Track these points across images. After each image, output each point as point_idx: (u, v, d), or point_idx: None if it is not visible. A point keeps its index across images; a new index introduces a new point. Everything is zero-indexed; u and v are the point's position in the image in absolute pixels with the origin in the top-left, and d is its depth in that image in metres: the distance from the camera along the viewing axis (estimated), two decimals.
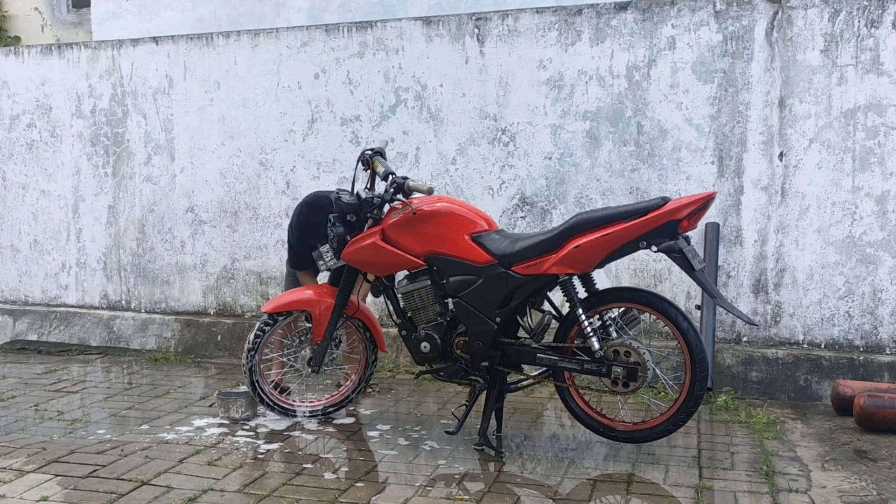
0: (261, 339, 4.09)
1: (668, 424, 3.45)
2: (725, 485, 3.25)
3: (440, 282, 3.70)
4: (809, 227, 4.66)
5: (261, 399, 4.15)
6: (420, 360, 3.80)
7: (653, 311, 3.44)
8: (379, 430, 4.01)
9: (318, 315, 4.04)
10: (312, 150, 5.62)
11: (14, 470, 3.45)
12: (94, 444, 3.80)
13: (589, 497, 3.14)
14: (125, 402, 4.59)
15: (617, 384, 3.40)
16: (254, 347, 4.08)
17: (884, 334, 4.57)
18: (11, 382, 5.06)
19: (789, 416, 4.26)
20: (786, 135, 4.68)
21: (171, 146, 5.99)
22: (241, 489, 3.24)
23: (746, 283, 4.78)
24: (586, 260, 3.38)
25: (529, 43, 5.10)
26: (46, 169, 6.35)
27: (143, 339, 6.02)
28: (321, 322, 4.04)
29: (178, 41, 5.95)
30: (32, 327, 6.35)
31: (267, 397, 4.14)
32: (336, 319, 4.03)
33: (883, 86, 4.50)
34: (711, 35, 4.77)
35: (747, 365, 4.68)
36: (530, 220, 5.15)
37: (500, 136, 5.19)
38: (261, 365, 4.12)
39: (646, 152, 4.91)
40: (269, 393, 4.16)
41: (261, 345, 4.10)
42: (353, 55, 5.49)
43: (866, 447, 3.73)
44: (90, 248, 6.28)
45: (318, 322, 4.04)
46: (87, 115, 6.21)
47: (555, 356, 3.52)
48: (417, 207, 3.70)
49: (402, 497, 3.14)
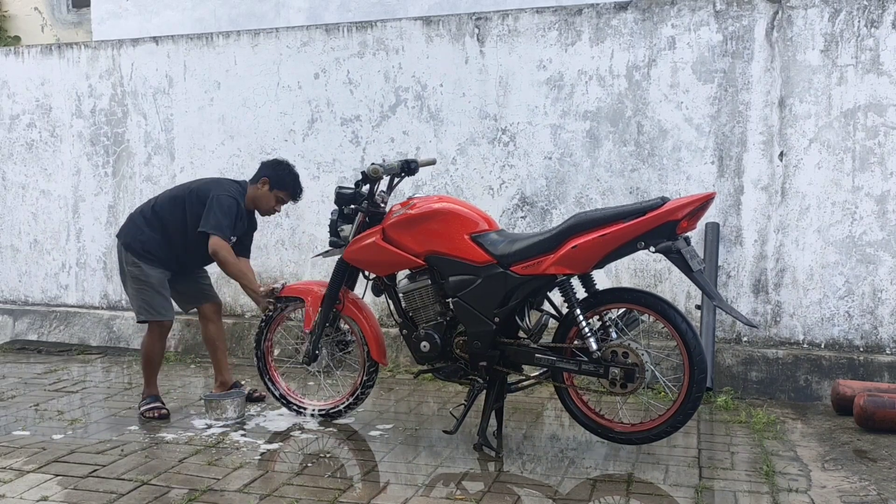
0: (266, 324, 4.26)
1: (666, 426, 3.44)
2: (725, 485, 3.25)
3: (440, 281, 3.70)
4: (809, 227, 4.66)
5: (267, 388, 4.31)
6: (420, 360, 3.80)
7: (651, 311, 3.43)
8: (379, 430, 4.01)
9: (310, 304, 4.11)
10: (312, 150, 5.62)
11: (14, 470, 3.45)
12: (94, 444, 3.80)
13: (589, 497, 3.14)
14: (125, 402, 4.59)
15: (615, 385, 3.39)
16: (260, 332, 4.27)
17: (884, 334, 4.57)
18: (11, 382, 5.06)
19: (789, 416, 4.26)
20: (786, 135, 4.68)
21: (171, 146, 5.99)
22: (241, 489, 3.24)
23: (746, 283, 4.78)
24: (584, 260, 3.38)
25: (529, 43, 5.10)
26: (46, 169, 6.35)
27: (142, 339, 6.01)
28: (312, 311, 4.09)
29: (178, 41, 5.95)
30: (32, 327, 6.35)
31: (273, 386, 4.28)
32: (326, 311, 4.03)
33: (883, 86, 4.50)
34: (711, 35, 4.77)
35: (747, 365, 4.68)
36: (530, 220, 5.15)
37: (500, 135, 5.19)
38: (269, 356, 4.28)
39: (646, 152, 4.91)
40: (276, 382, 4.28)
41: (266, 330, 4.27)
42: (353, 55, 5.49)
43: (866, 447, 3.73)
44: (90, 247, 6.28)
45: (309, 311, 4.11)
46: (87, 115, 6.21)
47: (553, 356, 3.51)
48: (417, 207, 3.70)
49: (402, 497, 3.14)
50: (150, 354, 4.31)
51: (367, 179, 3.83)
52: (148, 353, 4.31)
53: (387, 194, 3.96)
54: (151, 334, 4.28)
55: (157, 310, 4.23)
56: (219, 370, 4.51)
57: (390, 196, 3.98)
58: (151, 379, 4.34)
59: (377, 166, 3.74)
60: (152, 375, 4.34)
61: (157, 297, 4.23)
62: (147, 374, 4.34)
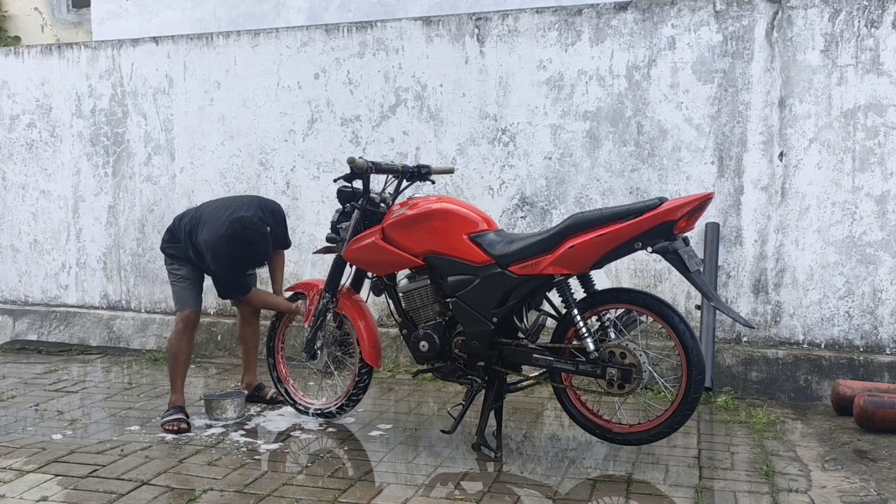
0: (277, 321, 4.33)
1: (664, 427, 3.43)
2: (725, 485, 3.25)
3: (439, 281, 3.70)
4: (809, 227, 4.66)
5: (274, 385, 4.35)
6: (419, 359, 3.80)
7: (649, 312, 3.42)
8: (379, 430, 4.01)
9: (309, 298, 4.16)
10: (312, 150, 5.62)
11: (14, 470, 3.46)
12: (94, 444, 3.80)
13: (589, 497, 3.14)
14: (125, 402, 4.59)
15: (612, 385, 3.39)
16: (272, 328, 4.34)
17: (884, 334, 4.57)
18: (11, 382, 5.06)
19: (789, 416, 4.26)
20: (786, 135, 4.67)
21: (171, 146, 5.99)
22: (241, 489, 3.24)
23: (746, 283, 4.78)
24: (581, 260, 3.37)
25: (529, 43, 5.10)
26: (46, 169, 6.36)
27: (143, 339, 6.03)
28: (310, 305, 4.13)
29: (178, 41, 5.95)
30: (32, 327, 6.36)
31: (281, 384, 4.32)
32: (322, 306, 4.06)
33: (883, 86, 4.50)
34: (711, 35, 4.77)
35: (747, 365, 4.68)
36: (530, 220, 5.15)
37: (500, 136, 5.19)
38: (279, 353, 4.34)
39: (646, 152, 4.91)
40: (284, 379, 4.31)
41: (278, 327, 4.33)
42: (353, 55, 5.49)
43: (866, 447, 3.73)
44: (90, 248, 6.28)
45: (309, 305, 4.15)
46: (87, 115, 6.21)
47: (551, 357, 3.51)
48: (416, 207, 3.70)
49: (402, 497, 3.14)
50: (174, 351, 4.17)
51: (355, 175, 3.84)
52: (172, 349, 4.18)
53: (392, 196, 3.96)
54: (176, 327, 4.20)
55: (182, 299, 4.20)
56: (246, 370, 4.53)
57: (396, 199, 3.97)
58: (177, 382, 4.16)
59: (354, 157, 3.76)
60: (178, 377, 4.17)
61: (185, 288, 4.19)
62: (173, 376, 4.17)
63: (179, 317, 4.21)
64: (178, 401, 4.15)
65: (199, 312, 4.26)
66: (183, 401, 4.17)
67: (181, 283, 4.20)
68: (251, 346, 4.51)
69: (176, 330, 4.20)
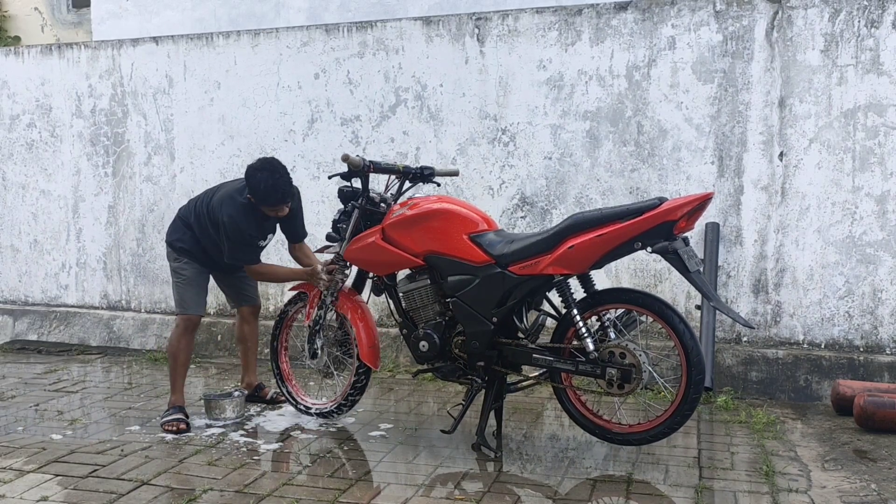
0: (281, 321, 4.35)
1: (663, 427, 3.43)
2: (725, 485, 3.25)
3: (439, 281, 3.70)
4: (809, 227, 4.66)
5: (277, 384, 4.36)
6: (419, 359, 3.80)
7: (649, 312, 3.42)
8: (379, 430, 4.01)
9: (310, 298, 4.17)
10: (312, 150, 5.62)
11: (14, 470, 3.46)
12: (94, 444, 3.80)
13: (589, 497, 3.14)
14: (125, 402, 4.59)
15: (612, 385, 3.38)
16: (276, 326, 4.36)
17: (884, 334, 4.57)
18: (11, 382, 5.06)
19: (789, 416, 4.26)
20: (786, 135, 4.67)
21: (171, 146, 5.99)
22: (241, 489, 3.24)
23: (746, 283, 4.78)
24: (581, 260, 3.37)
25: (529, 43, 5.10)
26: (46, 169, 6.36)
27: (143, 339, 6.03)
28: (311, 305, 4.15)
29: (178, 41, 5.95)
30: (32, 327, 6.36)
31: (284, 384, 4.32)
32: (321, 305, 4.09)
33: (883, 86, 4.50)
34: (711, 35, 4.77)
35: (747, 365, 4.68)
36: (530, 220, 5.15)
37: (500, 136, 5.19)
38: (283, 353, 4.36)
39: (646, 152, 4.91)
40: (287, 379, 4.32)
41: (282, 327, 4.35)
42: (353, 55, 5.49)
43: (866, 447, 3.73)
44: (90, 248, 6.28)
45: (309, 305, 4.17)
46: (87, 115, 6.21)
47: (551, 357, 3.51)
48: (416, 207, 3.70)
49: (402, 497, 3.14)
50: (174, 352, 4.17)
51: (353, 173, 3.84)
52: (172, 349, 4.18)
53: (394, 197, 3.96)
54: (177, 327, 4.21)
55: (186, 303, 4.19)
56: (246, 371, 4.53)
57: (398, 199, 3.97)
58: (178, 382, 4.17)
59: (349, 154, 3.77)
60: (178, 378, 4.17)
61: (189, 291, 4.19)
62: (173, 376, 4.18)
63: (180, 318, 4.21)
64: (178, 401, 4.15)
65: (201, 317, 4.28)
66: (183, 401, 4.18)
67: (185, 285, 4.20)
68: (250, 345, 4.51)
69: (176, 330, 4.21)
